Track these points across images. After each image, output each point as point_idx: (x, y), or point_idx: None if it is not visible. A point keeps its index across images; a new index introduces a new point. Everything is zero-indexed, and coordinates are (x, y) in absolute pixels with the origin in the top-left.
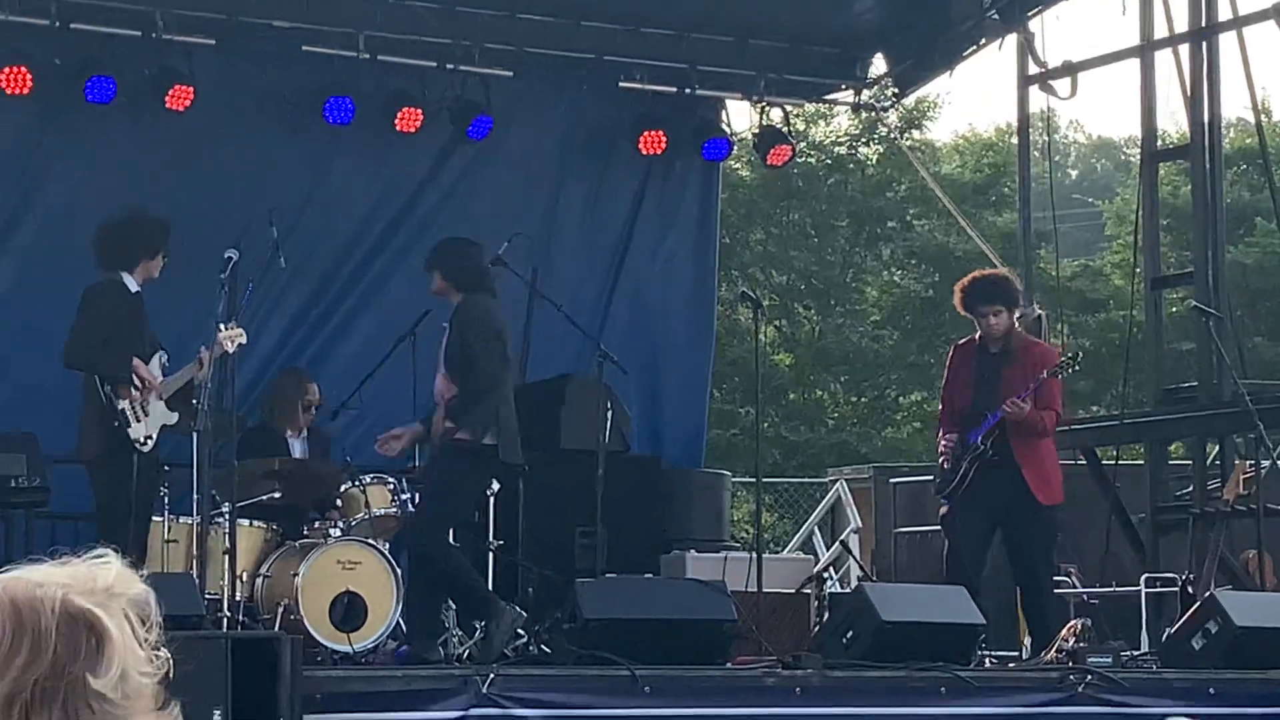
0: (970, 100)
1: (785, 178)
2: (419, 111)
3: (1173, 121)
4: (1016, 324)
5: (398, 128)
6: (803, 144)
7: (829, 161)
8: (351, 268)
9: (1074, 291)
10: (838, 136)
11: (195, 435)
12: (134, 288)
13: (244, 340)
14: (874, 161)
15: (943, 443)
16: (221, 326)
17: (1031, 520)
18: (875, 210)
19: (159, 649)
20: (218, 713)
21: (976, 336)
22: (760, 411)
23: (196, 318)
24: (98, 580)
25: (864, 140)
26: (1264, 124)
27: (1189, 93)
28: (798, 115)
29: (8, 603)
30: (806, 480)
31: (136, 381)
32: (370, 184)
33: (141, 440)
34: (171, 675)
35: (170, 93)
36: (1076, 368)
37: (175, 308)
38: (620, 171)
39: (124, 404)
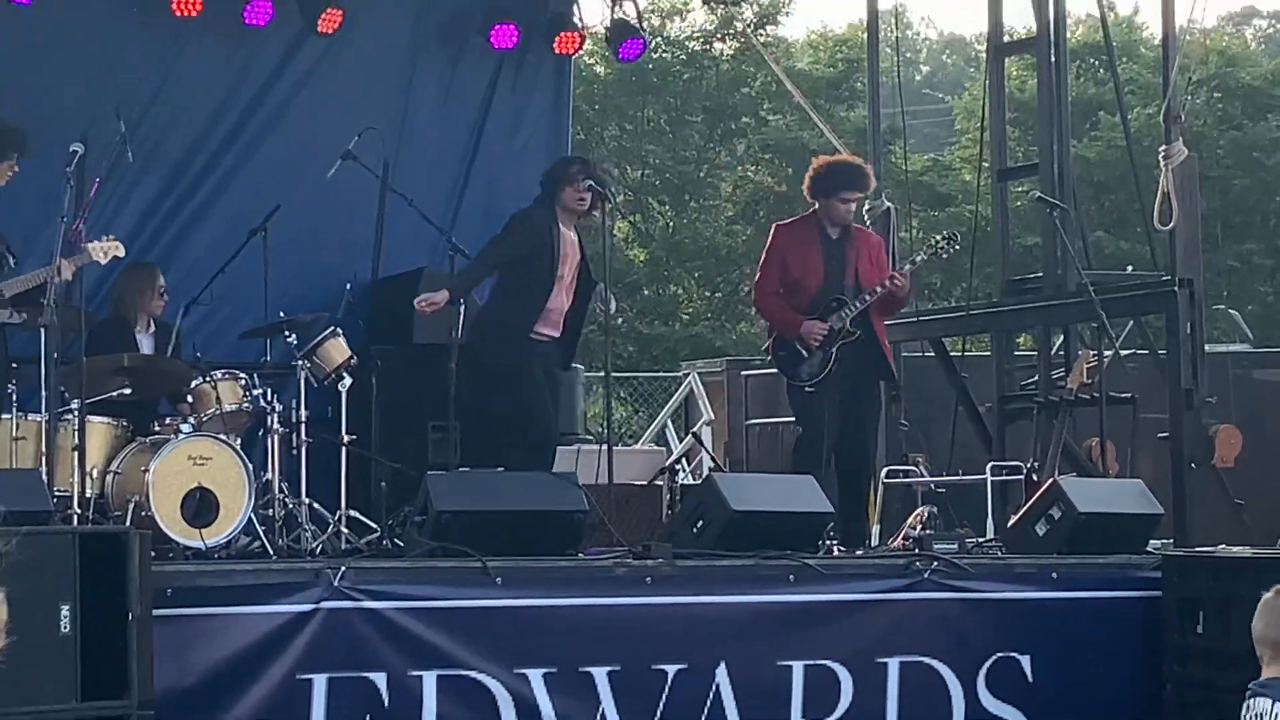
0: None
1: (640, 73)
2: (268, 4)
3: (1020, 18)
4: (864, 215)
5: (246, 21)
6: (658, 40)
7: (684, 57)
8: (201, 161)
9: (924, 186)
10: (693, 32)
11: (43, 331)
12: None
13: (121, 253)
14: (729, 58)
15: (816, 329)
16: (101, 238)
17: (880, 395)
18: (730, 106)
19: None
20: (65, 608)
21: (811, 218)
22: (609, 305)
23: (42, 212)
24: None
25: (719, 36)
26: (1108, 18)
27: None
28: (653, 10)
29: None
30: (660, 374)
31: None
32: (220, 77)
33: None
34: (3, 565)
35: None
36: (958, 246)
37: (21, 202)
38: (472, 65)
39: None
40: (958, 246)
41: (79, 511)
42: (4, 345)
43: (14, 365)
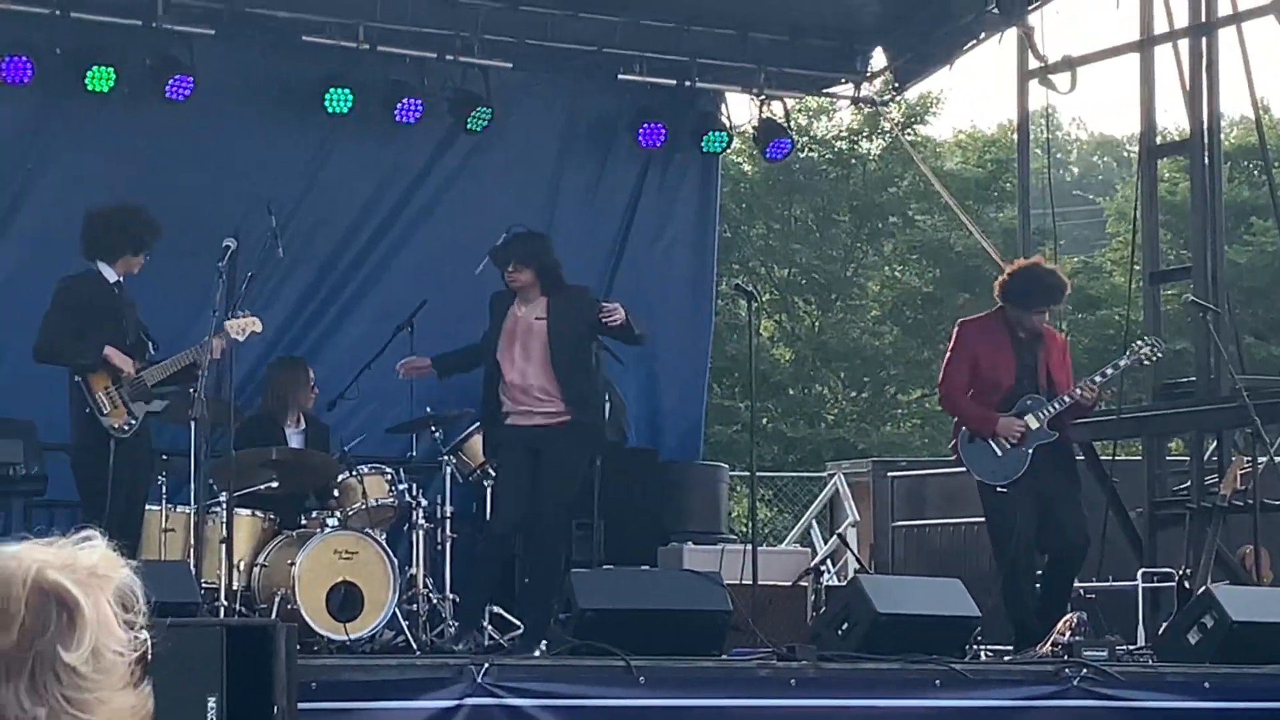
0: (974, 96)
1: (787, 172)
2: (419, 102)
3: (1172, 119)
4: None
5: (397, 119)
6: (805, 138)
7: (830, 156)
8: (350, 257)
9: (1074, 288)
10: (840, 131)
11: (192, 424)
12: (112, 279)
13: (258, 329)
14: (876, 157)
15: (1015, 426)
16: (238, 314)
17: (1079, 501)
18: (877, 205)
19: (138, 630)
20: (212, 700)
21: (998, 316)
22: (755, 404)
23: (192, 308)
24: (79, 560)
25: (866, 135)
26: (1264, 121)
27: (1188, 88)
28: (799, 110)
29: None
30: (804, 474)
31: (111, 369)
32: (369, 174)
33: (116, 427)
34: (149, 656)
35: (170, 82)
36: (1160, 355)
37: (172, 297)
38: (619, 164)
39: (99, 393)
40: (1160, 355)
41: (226, 604)
42: (148, 436)
43: (164, 457)
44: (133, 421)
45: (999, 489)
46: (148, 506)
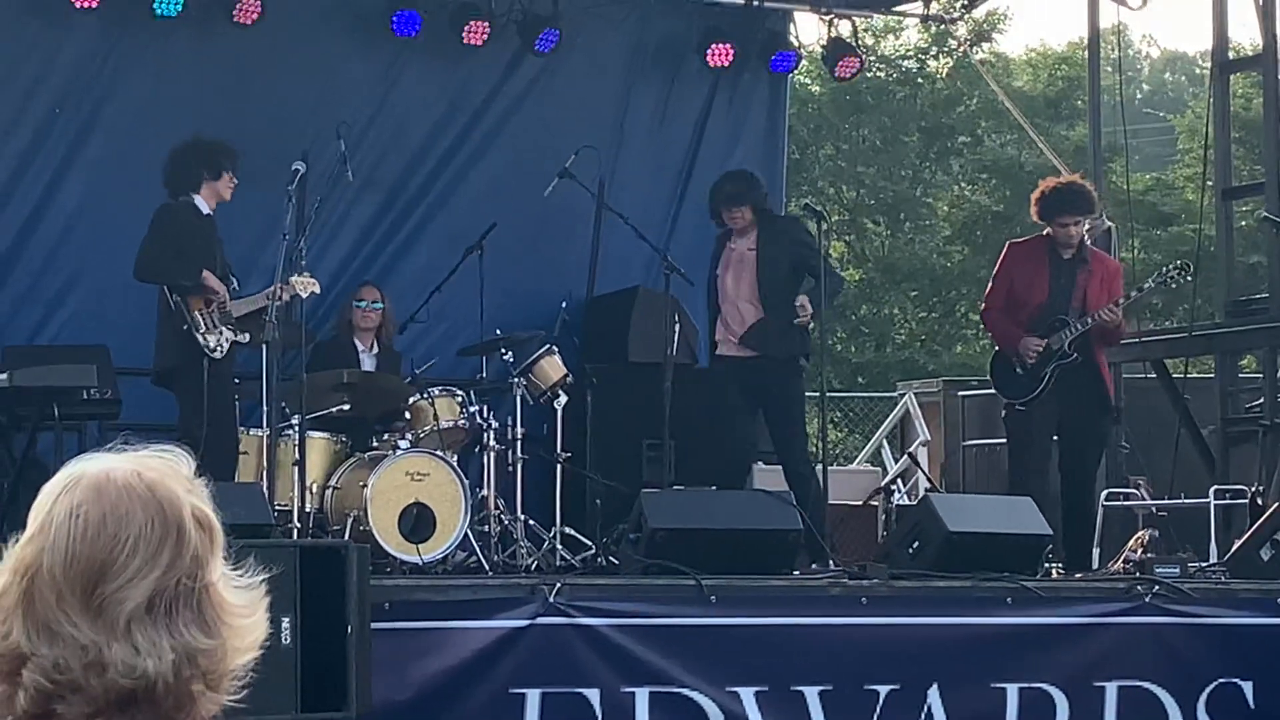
0: (1043, 14)
1: (854, 92)
2: (486, 25)
3: (1246, 33)
4: (1085, 235)
5: (465, 41)
6: (872, 58)
7: (898, 76)
8: (419, 180)
9: (1145, 205)
10: (907, 50)
11: (264, 347)
12: (205, 210)
13: (317, 290)
14: (944, 76)
15: (1032, 345)
16: (300, 274)
17: (1100, 422)
18: (945, 125)
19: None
20: (286, 621)
21: (1044, 238)
22: (823, 324)
23: (264, 231)
24: (191, 478)
25: (934, 54)
26: None
27: (1261, 2)
28: (866, 29)
29: (153, 499)
30: (875, 395)
31: (208, 292)
32: (437, 97)
33: (211, 348)
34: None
35: (238, 7)
36: (1190, 276)
37: (243, 221)
38: (687, 84)
39: (195, 313)
40: (1189, 277)
41: (299, 525)
42: (232, 363)
43: (236, 381)
44: (224, 345)
45: (1018, 406)
46: None
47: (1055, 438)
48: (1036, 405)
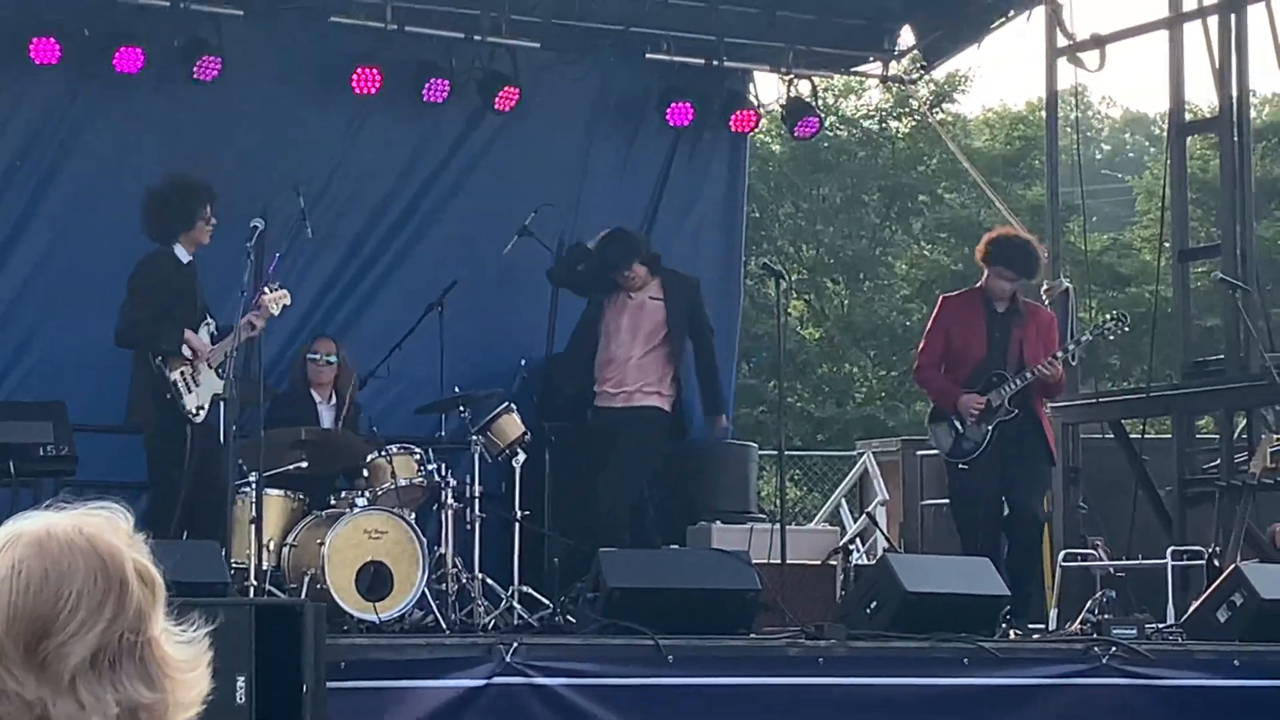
0: (1003, 74)
1: (816, 151)
2: (446, 82)
3: (1204, 95)
4: (1042, 295)
5: (425, 98)
6: (833, 118)
7: (859, 136)
8: (378, 237)
9: (1103, 265)
10: (868, 110)
11: (222, 404)
12: (185, 258)
13: (288, 301)
14: (905, 135)
15: (972, 403)
16: (266, 289)
17: (1044, 475)
18: (905, 184)
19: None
20: (241, 680)
21: (978, 291)
22: (783, 381)
23: (221, 287)
24: (130, 533)
25: (894, 114)
26: None
27: (1217, 65)
28: (828, 89)
29: (95, 553)
30: (833, 453)
31: (188, 352)
32: (397, 153)
33: (193, 411)
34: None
35: (198, 63)
36: (1126, 328)
37: (201, 277)
38: (648, 142)
39: (175, 375)
40: (1126, 328)
41: (255, 583)
42: (215, 418)
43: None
44: (205, 406)
45: (960, 465)
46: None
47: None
48: (978, 464)
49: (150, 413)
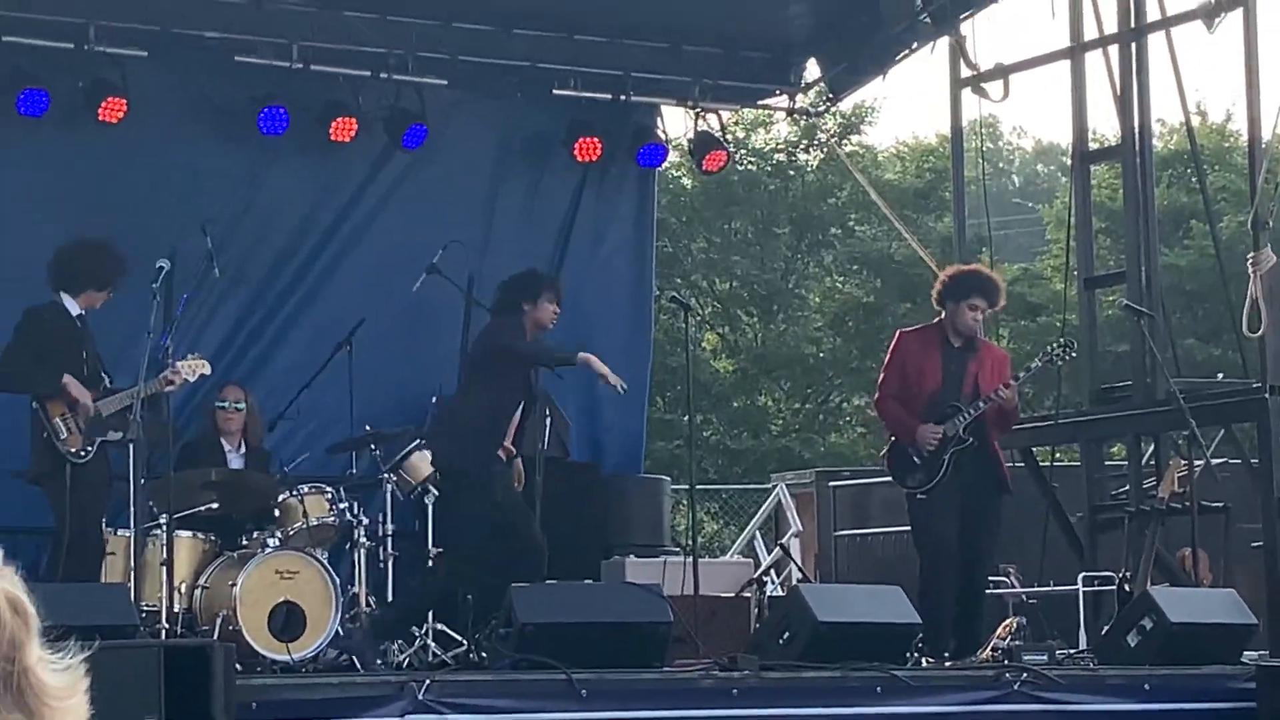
0: (913, 106)
1: (726, 185)
2: (353, 121)
3: (1109, 124)
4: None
5: (333, 137)
6: (742, 151)
7: (769, 169)
8: (287, 277)
9: (1014, 295)
10: (777, 144)
11: (130, 447)
12: (74, 311)
13: (207, 371)
14: (814, 168)
15: (929, 434)
16: (188, 356)
17: (997, 509)
18: (816, 216)
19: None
20: None
21: (935, 327)
22: (693, 414)
23: (129, 329)
24: (4, 566)
25: (803, 147)
26: (1196, 126)
27: (1119, 93)
28: (736, 122)
29: None
30: (747, 485)
31: (68, 398)
32: (305, 193)
33: (73, 452)
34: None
35: (103, 104)
36: (1074, 354)
37: (107, 319)
38: (556, 178)
39: (56, 419)
40: (1074, 354)
41: (167, 626)
42: (107, 464)
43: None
44: (89, 449)
45: (919, 495)
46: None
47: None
48: (937, 492)
49: (38, 457)
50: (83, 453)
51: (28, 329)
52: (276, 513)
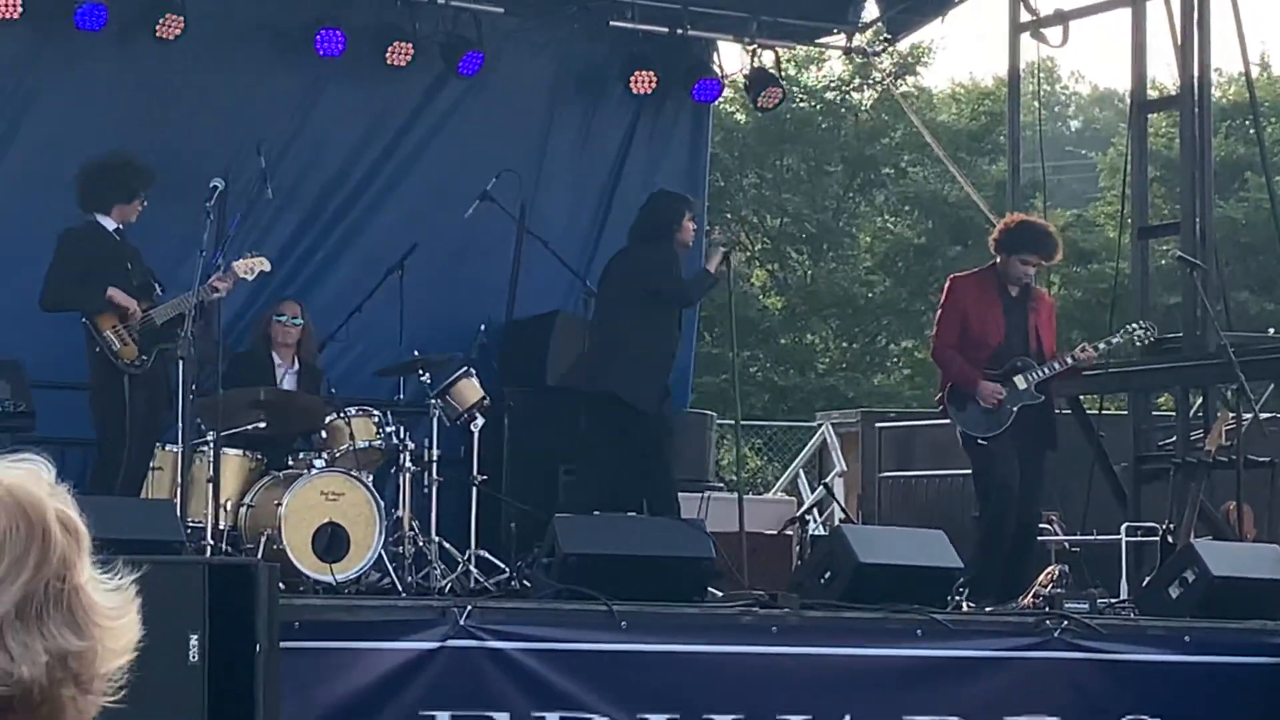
0: (971, 49)
1: (778, 121)
2: (410, 46)
3: (1168, 73)
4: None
5: (388, 62)
6: (795, 89)
7: (821, 107)
8: (339, 200)
9: (1067, 242)
10: (830, 82)
11: (180, 363)
12: (111, 226)
13: (267, 268)
14: (868, 108)
15: (992, 392)
16: (246, 254)
17: (1044, 462)
18: (869, 156)
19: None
20: (194, 638)
21: (991, 271)
22: (744, 352)
23: (182, 248)
24: (53, 483)
25: (857, 86)
26: (1257, 77)
27: (1179, 42)
28: (790, 59)
29: (16, 504)
30: (792, 424)
31: (117, 309)
32: (359, 117)
33: (128, 363)
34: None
35: (161, 21)
36: (1154, 337)
37: (160, 237)
38: (610, 110)
39: (107, 332)
40: (1154, 338)
41: (212, 543)
42: (166, 377)
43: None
44: (144, 358)
45: (979, 440)
46: None
47: None
48: (1002, 439)
49: (92, 371)
50: (138, 363)
51: (67, 249)
52: (324, 434)
